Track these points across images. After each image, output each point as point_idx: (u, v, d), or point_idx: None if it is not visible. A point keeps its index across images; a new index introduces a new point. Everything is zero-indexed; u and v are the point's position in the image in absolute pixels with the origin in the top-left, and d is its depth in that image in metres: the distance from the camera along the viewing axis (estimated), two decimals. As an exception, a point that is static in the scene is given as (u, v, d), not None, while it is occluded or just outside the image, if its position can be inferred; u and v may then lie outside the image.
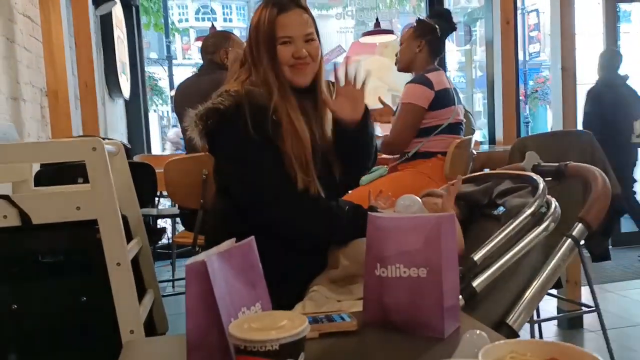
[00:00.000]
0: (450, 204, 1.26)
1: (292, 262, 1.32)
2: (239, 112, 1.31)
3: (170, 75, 14.12)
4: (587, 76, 4.77)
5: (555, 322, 3.04)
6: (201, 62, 2.86)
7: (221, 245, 0.75)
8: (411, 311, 0.90)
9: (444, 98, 2.33)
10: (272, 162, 1.32)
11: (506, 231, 1.17)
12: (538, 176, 1.30)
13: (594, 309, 2.46)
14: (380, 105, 2.78)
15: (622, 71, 4.47)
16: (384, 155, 2.65)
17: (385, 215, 0.99)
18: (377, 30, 5.25)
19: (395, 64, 2.59)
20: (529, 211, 1.20)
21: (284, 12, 1.35)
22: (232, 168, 1.36)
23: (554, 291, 2.83)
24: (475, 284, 1.12)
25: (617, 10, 5.10)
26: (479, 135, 4.97)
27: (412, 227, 0.92)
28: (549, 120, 13.06)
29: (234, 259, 0.74)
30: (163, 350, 0.96)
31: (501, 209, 1.31)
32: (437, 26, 2.43)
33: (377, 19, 5.32)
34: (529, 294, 1.19)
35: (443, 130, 2.35)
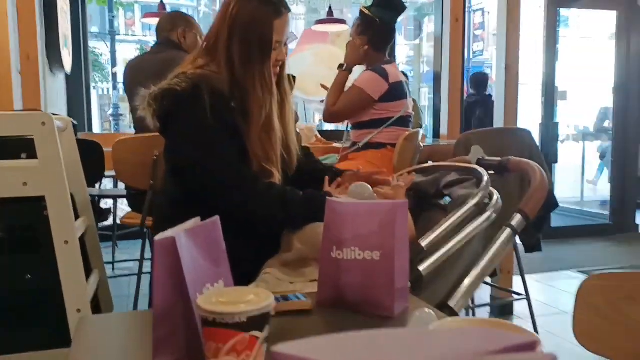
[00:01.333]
0: (403, 190, 1.32)
1: (245, 246, 1.34)
2: (196, 96, 1.31)
3: (113, 52, 13.59)
4: (527, 77, 5.04)
5: (488, 308, 3.22)
6: (146, 39, 2.80)
7: (187, 224, 0.77)
8: (364, 292, 0.95)
9: (397, 91, 2.40)
10: (229, 148, 1.34)
11: (452, 220, 1.24)
12: (482, 169, 1.39)
13: (524, 296, 2.64)
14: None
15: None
16: (335, 144, 2.70)
17: (342, 201, 1.03)
18: (330, 19, 5.26)
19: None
20: (473, 202, 1.28)
21: (280, 16, 1.37)
22: (188, 151, 1.36)
23: (488, 279, 2.99)
24: (421, 268, 1.18)
25: (558, 15, 5.36)
26: (424, 129, 5.14)
27: (368, 212, 0.97)
28: (489, 117, 13.55)
29: (199, 237, 0.76)
30: (118, 326, 0.97)
31: (448, 199, 1.39)
32: (377, 19, 2.46)
33: (330, 8, 5.34)
34: (469, 279, 1.27)
35: (394, 122, 2.42)
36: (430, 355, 0.30)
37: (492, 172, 1.50)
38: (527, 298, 2.62)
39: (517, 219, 1.31)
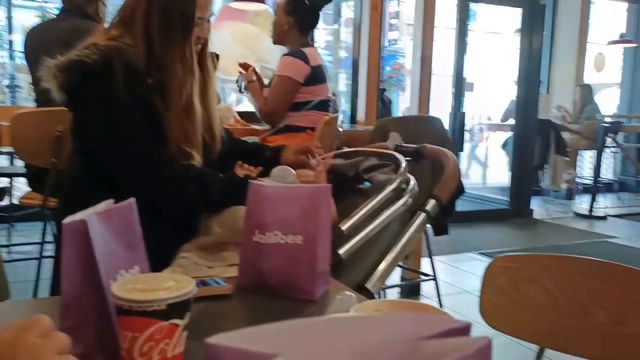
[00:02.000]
0: (324, 175, 1.32)
1: (162, 230, 1.29)
2: (108, 69, 1.23)
3: (9, 18, 12.48)
4: (441, 68, 5.25)
5: (398, 289, 3.35)
6: (48, 6, 2.58)
7: (99, 205, 0.72)
8: (286, 275, 0.94)
9: (319, 74, 2.41)
10: (143, 126, 1.27)
11: (371, 204, 1.26)
12: (400, 155, 1.42)
13: (432, 277, 2.76)
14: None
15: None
16: (254, 126, 2.66)
17: (266, 184, 1.01)
18: (249, -3, 5.16)
19: (271, 36, 2.59)
20: (391, 187, 1.31)
21: None
22: (97, 128, 1.28)
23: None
24: (341, 251, 1.20)
25: (468, 9, 5.62)
26: (343, 114, 5.21)
27: (292, 196, 0.96)
28: (400, 106, 14.01)
29: (112, 220, 0.71)
30: (16, 315, 0.89)
31: (367, 183, 1.41)
32: (307, 1, 2.46)
33: (249, -15, 5.23)
34: (386, 262, 1.31)
35: (314, 106, 2.42)
36: (368, 341, 0.30)
37: (408, 158, 1.55)
38: (434, 279, 2.75)
39: (431, 204, 1.36)
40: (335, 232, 1.20)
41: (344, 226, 1.21)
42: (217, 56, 1.39)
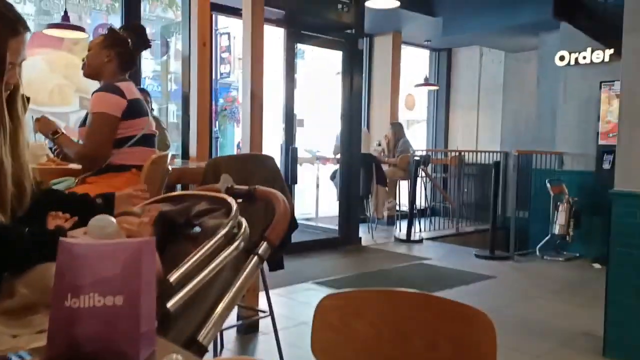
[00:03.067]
0: (148, 227, 1.24)
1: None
2: None
3: None
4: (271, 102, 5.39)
5: (235, 328, 3.29)
6: None
7: None
8: (105, 341, 0.86)
9: (137, 107, 2.30)
10: None
11: (201, 251, 1.22)
12: (231, 198, 1.41)
13: (268, 313, 2.77)
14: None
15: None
16: (72, 166, 2.43)
17: (80, 241, 0.92)
18: (67, 24, 4.81)
19: (82, 68, 2.43)
20: (223, 232, 1.28)
21: (16, 35, 1.17)
22: None
23: (236, 300, 3.06)
24: (169, 304, 1.13)
25: (295, 48, 5.90)
26: (174, 148, 5.05)
27: (110, 253, 0.88)
28: (236, 137, 14.09)
29: None
30: None
31: (198, 229, 1.37)
32: (129, 39, 2.38)
33: (65, 12, 4.89)
34: (219, 310, 1.27)
35: (138, 141, 2.30)
36: None
37: (240, 200, 1.54)
38: (271, 314, 2.76)
39: (263, 247, 1.36)
40: (163, 285, 1.13)
41: (172, 277, 1.15)
42: (28, 99, 1.25)
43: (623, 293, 2.88)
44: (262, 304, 3.14)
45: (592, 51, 5.80)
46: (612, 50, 5.53)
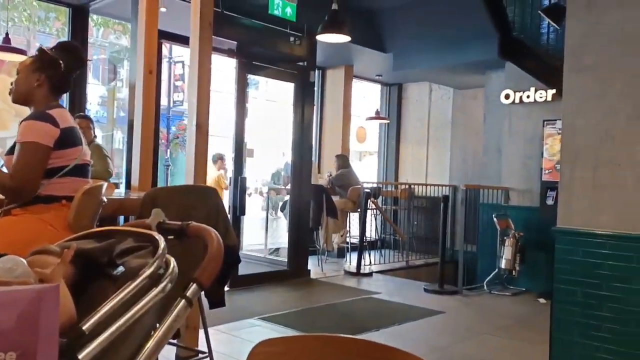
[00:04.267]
0: (60, 270, 1.12)
1: None
2: None
3: None
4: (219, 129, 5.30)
5: (174, 369, 3.10)
6: None
7: None
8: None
9: (71, 136, 2.15)
10: None
11: (121, 295, 1.11)
12: (160, 236, 1.31)
13: (207, 354, 2.62)
14: None
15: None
16: (-5, 196, 2.25)
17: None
18: (7, 46, 4.63)
19: (9, 94, 2.28)
20: (147, 272, 1.18)
21: None
22: None
23: (172, 339, 2.89)
24: (81, 355, 1.02)
25: (246, 79, 5.87)
26: (117, 176, 4.85)
27: (6, 302, 0.78)
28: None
29: None
30: None
31: (121, 268, 1.26)
32: (61, 61, 2.24)
33: (7, 34, 4.70)
34: (141, 357, 1.16)
35: (70, 171, 2.16)
36: None
37: (171, 237, 1.44)
38: (210, 354, 2.61)
39: (192, 289, 1.26)
40: (75, 333, 1.02)
41: (86, 325, 1.03)
42: None
43: (567, 330, 2.90)
44: (202, 343, 2.98)
45: (536, 90, 6.04)
46: (554, 90, 5.77)
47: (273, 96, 10.83)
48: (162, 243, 1.27)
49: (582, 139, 2.86)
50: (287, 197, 6.50)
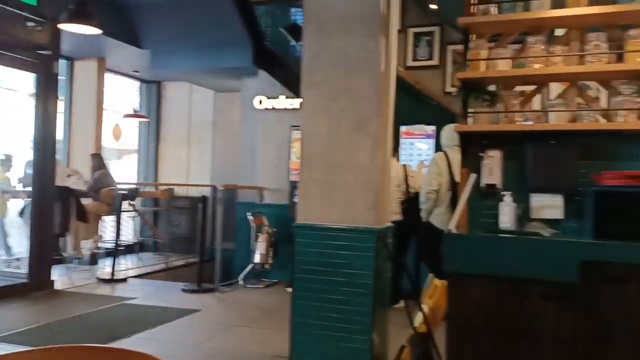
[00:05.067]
0: None
1: None
2: None
3: None
4: None
5: None
6: None
7: None
8: None
9: None
10: None
11: None
12: None
13: None
14: None
15: None
16: None
17: None
18: None
19: None
20: None
21: None
22: None
23: None
24: None
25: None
26: None
27: None
28: None
29: None
30: None
31: None
32: None
33: None
34: None
35: None
36: None
37: None
38: None
39: None
40: None
41: None
42: None
43: (304, 314, 3.25)
44: None
45: (286, 98, 6.57)
46: (301, 99, 6.35)
47: (12, 85, 9.45)
48: None
49: (315, 145, 3.25)
50: (26, 200, 5.79)
